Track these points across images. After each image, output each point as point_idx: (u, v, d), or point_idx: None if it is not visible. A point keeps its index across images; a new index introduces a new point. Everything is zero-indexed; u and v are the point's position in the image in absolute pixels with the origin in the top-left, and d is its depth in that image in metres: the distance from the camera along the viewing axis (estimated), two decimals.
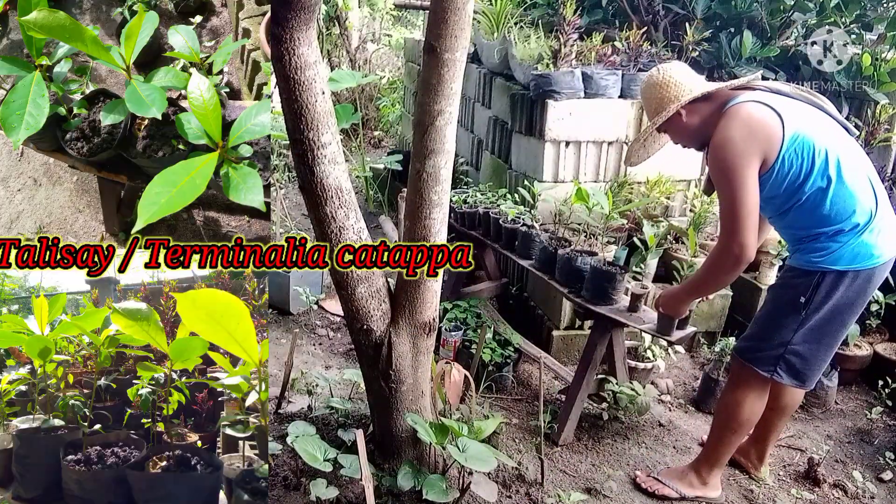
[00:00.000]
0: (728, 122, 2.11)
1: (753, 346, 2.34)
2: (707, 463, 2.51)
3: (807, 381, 2.32)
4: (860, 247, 2.13)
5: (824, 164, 2.08)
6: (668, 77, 2.24)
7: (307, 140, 1.86)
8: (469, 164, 4.75)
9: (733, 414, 2.40)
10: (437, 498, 2.09)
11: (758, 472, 2.64)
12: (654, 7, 4.08)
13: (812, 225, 2.16)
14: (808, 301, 2.19)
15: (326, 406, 2.67)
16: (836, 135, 2.16)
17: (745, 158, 2.07)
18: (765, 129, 2.07)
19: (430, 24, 1.91)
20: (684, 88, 2.23)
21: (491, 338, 3.24)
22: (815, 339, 2.24)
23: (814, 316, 2.20)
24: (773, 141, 2.07)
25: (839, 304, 2.19)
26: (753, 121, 2.09)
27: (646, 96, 2.31)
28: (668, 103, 2.24)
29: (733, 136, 2.08)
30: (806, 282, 2.19)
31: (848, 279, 2.16)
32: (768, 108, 2.10)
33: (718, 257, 2.19)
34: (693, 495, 2.51)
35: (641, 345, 3.22)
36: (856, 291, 2.18)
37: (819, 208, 2.12)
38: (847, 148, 2.15)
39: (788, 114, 2.10)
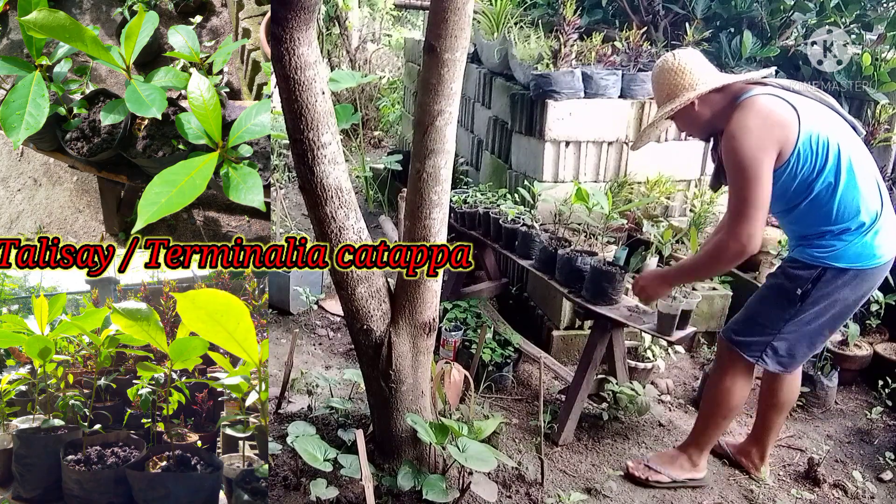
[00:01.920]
0: (744, 113, 2.11)
1: (743, 331, 2.38)
2: (696, 447, 2.56)
3: (789, 368, 2.38)
4: (863, 246, 2.15)
5: (836, 162, 2.10)
6: (684, 64, 2.24)
7: (307, 140, 1.87)
8: (469, 164, 4.75)
9: (722, 399, 2.44)
10: (437, 498, 2.09)
11: (758, 473, 2.64)
12: (654, 7, 4.09)
13: (819, 222, 2.17)
14: (805, 294, 2.21)
15: (326, 406, 2.67)
16: (848, 134, 2.18)
17: (761, 150, 2.07)
18: (782, 122, 2.08)
19: (430, 24, 1.91)
20: (699, 78, 2.22)
21: (491, 338, 3.24)
22: (805, 331, 2.28)
23: (808, 309, 2.23)
24: (789, 134, 2.08)
25: (835, 301, 2.21)
26: (771, 113, 2.09)
27: (658, 81, 2.30)
28: (681, 91, 2.23)
29: (750, 127, 2.08)
30: (806, 275, 2.21)
31: (848, 277, 2.18)
32: (785, 102, 2.11)
33: (724, 245, 2.18)
34: (684, 478, 2.56)
35: (641, 345, 3.22)
36: (853, 290, 2.20)
37: (827, 205, 2.14)
38: (857, 147, 2.16)
39: (804, 109, 2.11)
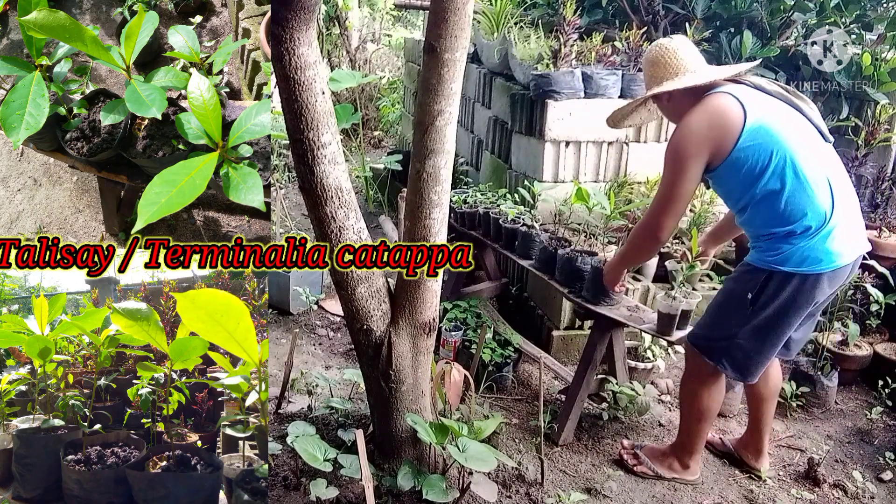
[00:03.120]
0: (696, 110, 2.19)
1: (703, 335, 2.40)
2: (684, 450, 2.58)
3: (748, 376, 2.37)
4: (810, 250, 2.13)
5: (780, 165, 2.10)
6: (673, 52, 2.29)
7: (307, 140, 1.87)
8: (469, 164, 4.75)
9: (694, 404, 2.47)
10: (437, 498, 2.09)
11: (757, 465, 2.65)
12: (654, 7, 4.08)
13: (766, 224, 2.19)
14: (756, 298, 2.22)
15: (326, 406, 2.67)
16: (803, 137, 2.17)
17: (694, 149, 2.16)
18: (723, 123, 2.14)
19: (430, 24, 1.91)
20: (686, 68, 2.27)
21: (491, 338, 3.24)
22: (760, 336, 2.27)
23: (760, 314, 2.23)
24: (728, 134, 2.13)
25: (785, 306, 2.20)
26: (715, 115, 2.15)
27: (650, 63, 2.35)
28: (667, 77, 2.28)
29: (692, 126, 2.17)
30: (755, 279, 2.22)
31: (796, 281, 2.16)
32: (736, 102, 2.15)
33: (638, 232, 2.38)
34: (670, 477, 2.58)
35: (641, 345, 3.22)
36: (806, 295, 2.18)
37: (772, 208, 2.15)
38: (810, 150, 2.15)
39: (755, 109, 2.14)
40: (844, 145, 3.66)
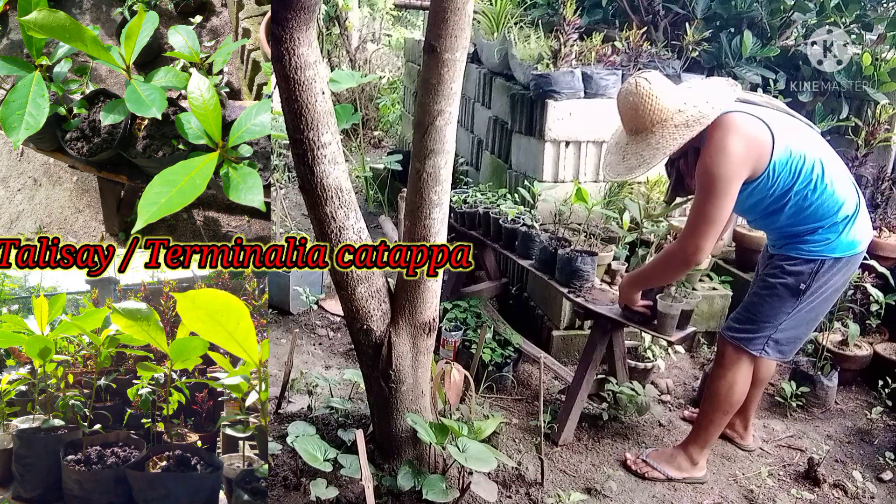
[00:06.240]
0: (722, 133, 2.17)
1: (746, 329, 2.44)
2: (698, 444, 2.60)
3: (790, 355, 2.50)
4: (850, 235, 2.27)
5: (811, 171, 2.20)
6: (652, 94, 2.19)
7: (307, 140, 1.86)
8: (469, 164, 4.75)
9: (726, 396, 2.49)
10: (437, 498, 2.09)
11: (744, 441, 2.79)
12: (654, 7, 4.08)
13: (807, 220, 2.27)
14: (808, 287, 2.31)
15: (326, 406, 2.67)
16: (816, 138, 2.30)
17: (736, 173, 2.16)
18: (758, 144, 2.17)
19: (430, 24, 1.91)
20: (671, 107, 2.20)
21: (491, 338, 3.24)
22: (805, 320, 2.40)
23: (809, 300, 2.33)
24: (764, 155, 2.18)
25: (829, 288, 2.34)
26: (748, 135, 2.17)
27: (629, 109, 2.24)
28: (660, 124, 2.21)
29: (729, 148, 2.15)
30: (807, 269, 2.30)
31: (842, 264, 2.30)
32: (759, 121, 2.19)
33: (673, 254, 2.34)
34: (681, 477, 2.59)
35: (641, 345, 3.22)
36: (843, 275, 2.34)
37: (811, 207, 2.24)
38: (827, 149, 2.28)
39: (776, 126, 2.20)
40: (844, 145, 3.66)
